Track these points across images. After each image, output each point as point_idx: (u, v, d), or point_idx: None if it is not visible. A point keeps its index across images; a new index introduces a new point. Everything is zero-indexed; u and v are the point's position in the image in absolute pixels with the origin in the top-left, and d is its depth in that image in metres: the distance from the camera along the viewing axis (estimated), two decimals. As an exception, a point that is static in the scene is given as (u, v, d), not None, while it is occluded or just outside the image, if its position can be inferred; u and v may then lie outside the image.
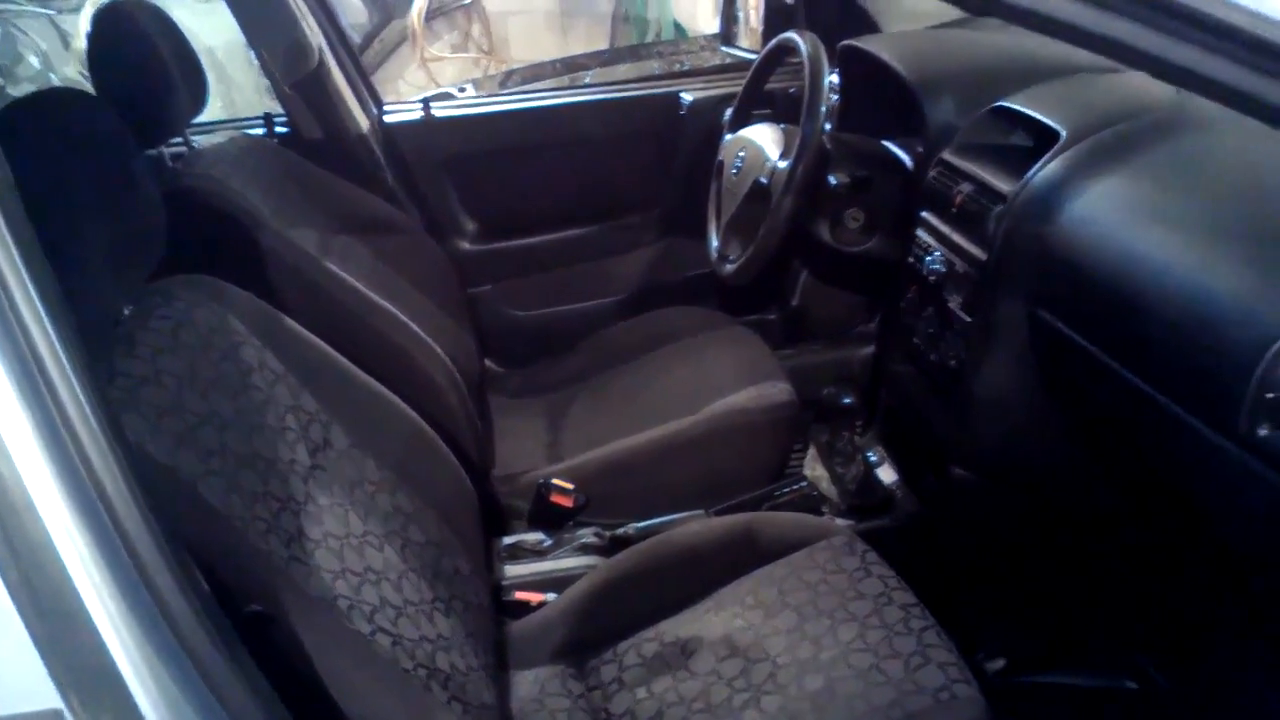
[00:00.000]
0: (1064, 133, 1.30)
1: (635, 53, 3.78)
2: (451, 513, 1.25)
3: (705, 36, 3.61)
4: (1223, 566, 1.23)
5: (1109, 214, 1.18)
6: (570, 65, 3.35)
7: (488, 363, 2.12)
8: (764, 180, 1.62)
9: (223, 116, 2.22)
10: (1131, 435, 1.16)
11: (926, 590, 1.25)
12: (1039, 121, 1.36)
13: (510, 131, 2.13)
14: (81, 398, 0.61)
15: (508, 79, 3.49)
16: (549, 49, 4.26)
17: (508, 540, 1.55)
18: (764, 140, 1.67)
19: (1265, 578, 1.06)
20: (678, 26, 4.50)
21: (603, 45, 4.55)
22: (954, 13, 1.96)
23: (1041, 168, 1.28)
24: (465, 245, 2.15)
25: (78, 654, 0.60)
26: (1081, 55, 1.60)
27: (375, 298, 1.54)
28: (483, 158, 2.11)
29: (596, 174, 2.15)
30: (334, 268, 1.51)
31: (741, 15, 2.51)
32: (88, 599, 0.59)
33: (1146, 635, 1.47)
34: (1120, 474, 1.33)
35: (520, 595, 1.42)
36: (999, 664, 1.48)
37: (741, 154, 1.72)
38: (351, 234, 1.69)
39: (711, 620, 1.27)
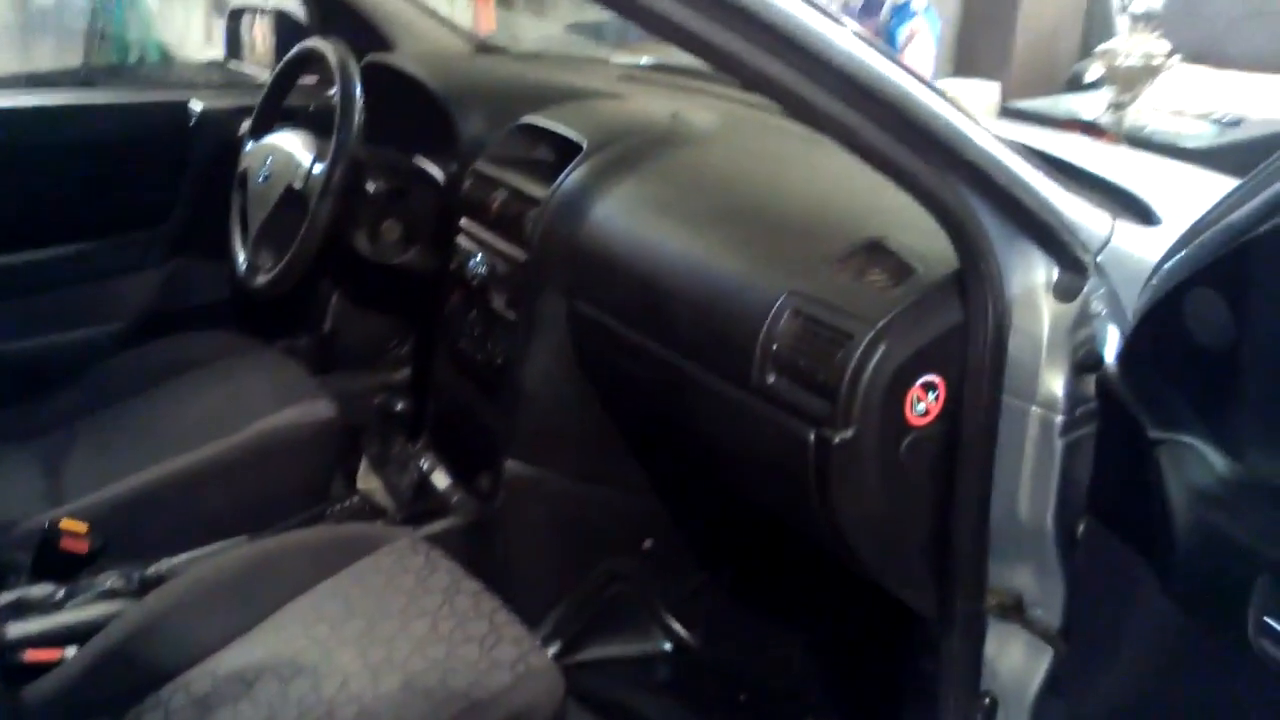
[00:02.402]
0: (585, 144, 1.45)
1: (118, 74, 3.41)
2: None
3: (206, 62, 3.38)
4: (743, 530, 1.43)
5: (627, 212, 1.35)
6: (37, 82, 2.92)
7: None
8: (297, 185, 1.56)
9: None
10: (664, 403, 1.31)
11: (490, 583, 1.28)
12: (561, 135, 1.50)
13: None
14: None
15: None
16: (6, 64, 3.68)
17: (6, 597, 1.30)
18: (294, 146, 1.62)
19: (779, 515, 1.25)
20: (162, 50, 4.14)
21: (76, 63, 4.04)
22: (464, 43, 2.09)
23: (569, 174, 1.42)
24: None
25: None
26: (590, 81, 1.80)
27: None
28: None
29: (93, 185, 1.90)
30: None
31: (248, 36, 2.41)
32: None
33: (677, 599, 1.65)
34: (653, 444, 1.49)
35: (32, 656, 1.20)
36: (556, 646, 1.56)
37: (269, 160, 1.64)
38: None
39: (271, 644, 1.18)
